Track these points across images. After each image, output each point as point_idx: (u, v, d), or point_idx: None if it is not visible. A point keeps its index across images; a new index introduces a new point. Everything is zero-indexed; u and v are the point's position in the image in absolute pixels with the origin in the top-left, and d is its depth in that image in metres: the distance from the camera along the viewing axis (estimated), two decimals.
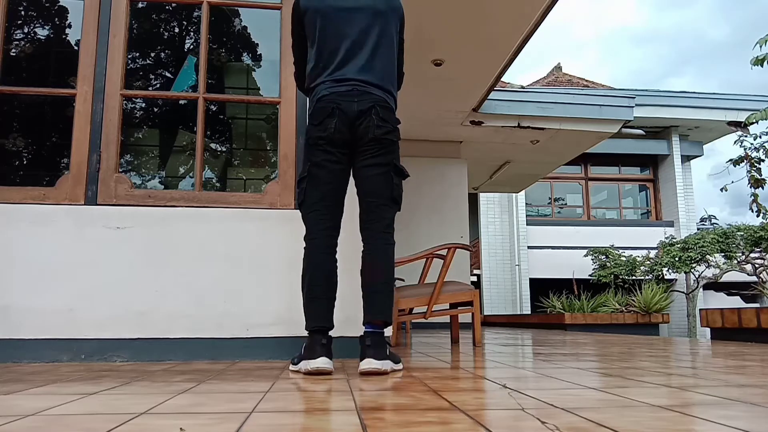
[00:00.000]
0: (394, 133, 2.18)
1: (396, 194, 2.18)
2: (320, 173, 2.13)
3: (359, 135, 2.12)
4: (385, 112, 2.14)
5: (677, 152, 14.07)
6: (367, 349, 1.98)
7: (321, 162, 2.13)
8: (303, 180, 2.16)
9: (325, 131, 2.10)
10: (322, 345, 1.99)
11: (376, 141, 2.13)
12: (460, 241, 7.21)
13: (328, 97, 2.13)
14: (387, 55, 2.23)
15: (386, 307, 2.09)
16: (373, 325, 2.05)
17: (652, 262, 9.62)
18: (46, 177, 3.40)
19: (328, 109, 2.11)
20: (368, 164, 2.16)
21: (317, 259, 2.12)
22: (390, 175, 2.16)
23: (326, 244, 2.14)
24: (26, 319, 2.48)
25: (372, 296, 2.11)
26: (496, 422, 1.12)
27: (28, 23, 3.56)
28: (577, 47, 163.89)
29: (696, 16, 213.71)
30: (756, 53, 5.58)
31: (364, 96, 2.13)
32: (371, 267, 2.14)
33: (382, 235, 2.16)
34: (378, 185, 2.16)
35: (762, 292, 7.57)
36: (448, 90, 5.99)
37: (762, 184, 6.44)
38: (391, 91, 2.23)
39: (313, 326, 2.05)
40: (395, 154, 2.20)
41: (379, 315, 2.07)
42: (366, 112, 2.11)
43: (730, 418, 1.13)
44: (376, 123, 2.11)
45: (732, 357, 2.76)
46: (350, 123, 2.11)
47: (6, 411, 1.25)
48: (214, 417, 1.17)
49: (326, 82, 2.16)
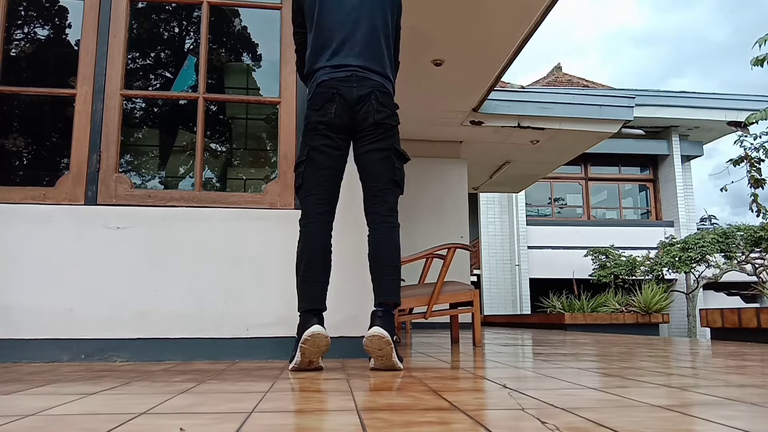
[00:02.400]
0: (393, 118, 2.22)
1: (398, 177, 2.22)
2: (319, 158, 2.16)
3: (359, 120, 2.16)
4: (384, 97, 2.19)
5: (677, 152, 14.07)
6: (376, 319, 2.05)
7: (320, 146, 2.16)
8: (301, 164, 2.19)
9: (325, 116, 2.14)
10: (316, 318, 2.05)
11: (377, 126, 2.16)
12: (460, 241, 7.21)
13: (328, 82, 2.16)
14: (385, 42, 2.28)
15: (395, 289, 2.15)
16: (384, 306, 2.11)
17: (652, 262, 9.62)
18: (46, 177, 3.39)
19: (328, 95, 2.14)
20: (369, 149, 2.19)
21: (313, 242, 2.15)
22: (391, 159, 2.20)
23: (322, 228, 2.17)
24: (26, 319, 2.48)
25: (380, 279, 2.15)
26: (496, 422, 1.12)
27: (28, 23, 3.56)
28: (578, 48, 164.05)
29: (697, 17, 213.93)
30: (756, 53, 5.58)
31: (364, 81, 2.16)
32: (377, 250, 2.18)
33: (387, 219, 2.19)
34: (380, 169, 2.19)
35: (762, 292, 7.57)
36: (448, 90, 5.99)
37: (762, 184, 6.44)
38: (389, 77, 2.28)
39: (307, 308, 2.09)
40: (395, 138, 2.24)
41: (389, 297, 2.12)
42: (366, 97, 2.15)
43: (730, 418, 1.13)
44: (375, 108, 2.15)
45: (732, 357, 2.76)
46: (350, 108, 2.15)
47: (6, 411, 1.25)
48: (214, 417, 1.17)
49: (325, 68, 2.20)
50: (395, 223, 2.21)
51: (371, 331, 2.00)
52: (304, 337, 1.97)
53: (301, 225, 2.19)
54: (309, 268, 2.13)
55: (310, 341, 1.97)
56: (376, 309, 2.10)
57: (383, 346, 1.99)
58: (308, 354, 1.99)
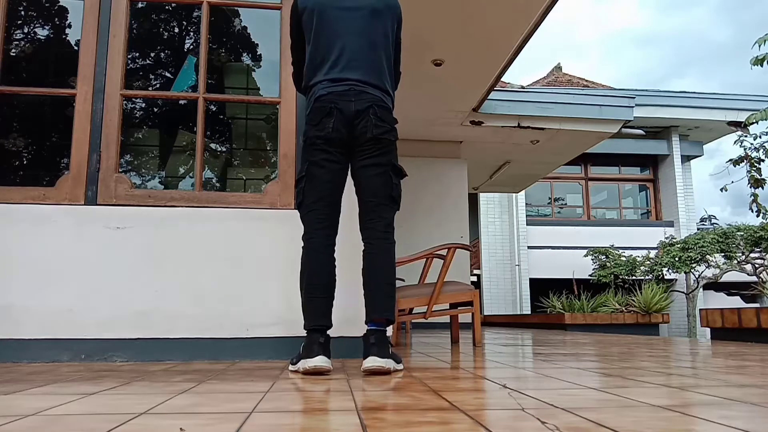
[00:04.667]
0: (392, 133, 2.18)
1: (395, 194, 2.19)
2: (318, 173, 2.14)
3: (357, 135, 2.12)
4: (382, 112, 2.15)
5: (677, 152, 14.08)
6: (371, 347, 1.99)
7: (319, 161, 2.14)
8: (301, 180, 2.17)
9: (323, 131, 2.11)
10: (319, 344, 1.99)
11: (375, 141, 2.13)
12: (460, 241, 7.21)
13: (326, 96, 2.13)
14: (384, 55, 2.24)
15: (389, 306, 2.10)
16: (376, 323, 2.06)
17: (652, 262, 9.62)
18: (46, 177, 3.40)
19: (326, 109, 2.11)
20: (367, 164, 2.16)
21: (315, 258, 2.13)
22: (389, 175, 2.17)
23: (324, 243, 2.15)
24: (26, 319, 2.48)
25: (374, 295, 2.11)
26: (496, 422, 1.12)
27: (28, 23, 3.56)
28: (579, 49, 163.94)
29: (698, 18, 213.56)
30: (755, 53, 5.58)
31: (362, 96, 2.13)
32: (372, 267, 2.15)
33: (383, 235, 2.17)
34: (377, 185, 2.16)
35: (762, 292, 7.56)
36: (448, 90, 5.99)
37: (762, 184, 6.44)
38: (388, 91, 2.24)
39: (312, 325, 2.06)
40: (393, 153, 2.21)
41: (382, 313, 2.08)
42: (364, 111, 2.11)
43: (730, 418, 1.13)
44: (374, 123, 2.11)
45: (732, 357, 2.76)
46: (348, 123, 2.12)
47: (6, 411, 1.25)
48: (214, 417, 1.17)
49: (323, 82, 2.17)
50: (391, 240, 2.18)
51: (369, 363, 1.94)
52: (306, 368, 1.94)
53: (304, 241, 2.16)
54: (312, 285, 2.10)
55: (311, 372, 1.95)
56: (369, 332, 2.04)
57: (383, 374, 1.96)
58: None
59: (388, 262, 2.15)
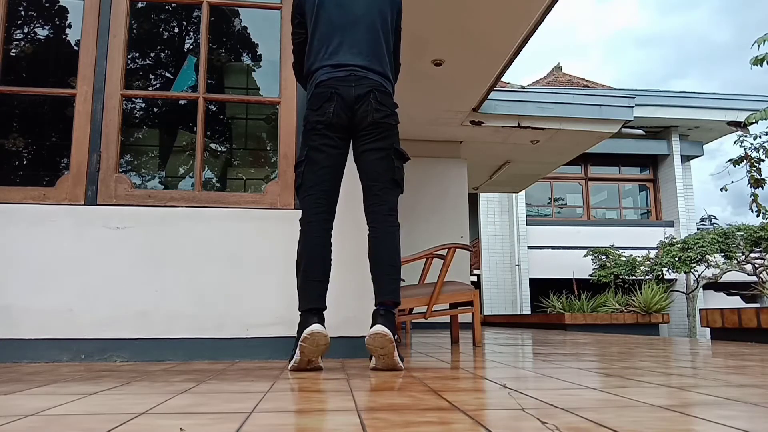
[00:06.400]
0: (392, 117, 2.22)
1: (398, 177, 2.22)
2: (318, 157, 2.17)
3: (358, 119, 2.16)
4: (383, 97, 2.19)
5: (677, 152, 14.07)
6: (378, 317, 2.06)
7: (319, 146, 2.16)
8: (301, 164, 2.20)
9: (323, 116, 2.14)
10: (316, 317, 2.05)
11: (375, 125, 2.16)
12: (460, 241, 7.21)
13: (327, 82, 2.17)
14: (384, 42, 2.28)
15: (395, 289, 2.16)
16: (385, 305, 2.12)
17: (652, 262, 9.62)
18: (46, 177, 3.40)
19: (327, 94, 2.15)
20: (369, 149, 2.19)
21: (313, 241, 2.16)
22: (391, 159, 2.20)
23: (322, 227, 2.18)
24: (26, 319, 2.48)
25: (381, 279, 2.16)
26: (496, 422, 1.12)
27: (28, 23, 3.56)
28: (579, 49, 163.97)
29: (699, 19, 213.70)
30: (755, 53, 5.58)
31: (362, 81, 2.17)
32: (378, 251, 2.19)
33: (387, 219, 2.20)
34: (379, 169, 2.20)
35: (762, 292, 7.57)
36: (448, 90, 5.99)
37: (762, 184, 6.44)
38: (388, 76, 2.28)
39: (307, 307, 2.10)
40: (395, 137, 2.24)
41: (390, 296, 2.13)
42: (364, 96, 2.15)
43: (730, 418, 1.13)
44: (374, 107, 2.15)
45: (732, 357, 2.76)
46: (349, 108, 2.15)
47: (6, 411, 1.25)
48: (214, 417, 1.17)
49: (324, 68, 2.20)
50: (395, 223, 2.22)
51: (374, 329, 2.00)
52: (304, 336, 1.98)
53: (301, 224, 2.20)
54: (309, 268, 2.14)
55: (309, 339, 1.97)
56: (378, 308, 2.11)
57: (386, 344, 1.99)
58: (307, 353, 2.00)
59: (392, 246, 2.19)
